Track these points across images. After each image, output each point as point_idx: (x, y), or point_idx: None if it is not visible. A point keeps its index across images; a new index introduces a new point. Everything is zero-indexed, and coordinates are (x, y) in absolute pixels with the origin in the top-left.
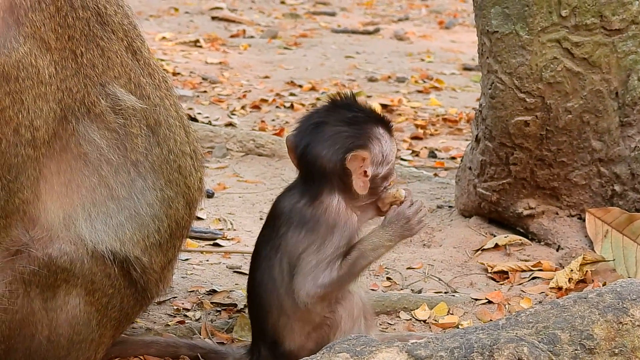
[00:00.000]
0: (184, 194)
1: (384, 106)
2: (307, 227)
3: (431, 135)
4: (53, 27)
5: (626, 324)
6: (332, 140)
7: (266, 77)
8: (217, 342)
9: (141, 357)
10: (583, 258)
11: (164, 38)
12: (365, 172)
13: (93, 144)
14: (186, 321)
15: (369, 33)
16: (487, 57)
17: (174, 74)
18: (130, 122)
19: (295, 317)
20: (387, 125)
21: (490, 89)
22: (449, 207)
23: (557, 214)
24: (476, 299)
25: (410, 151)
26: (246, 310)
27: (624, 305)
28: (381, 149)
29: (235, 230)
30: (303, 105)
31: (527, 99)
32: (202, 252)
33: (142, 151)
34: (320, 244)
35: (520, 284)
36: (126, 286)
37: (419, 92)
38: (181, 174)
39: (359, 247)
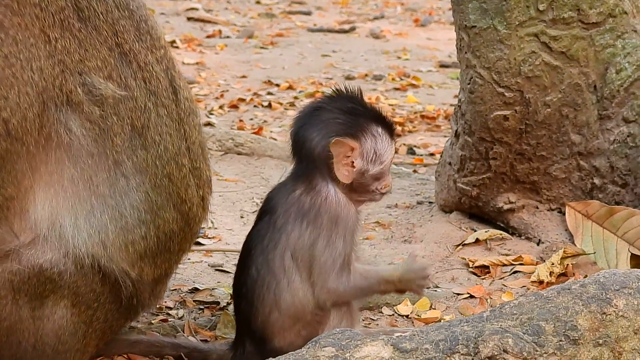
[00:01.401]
0: (176, 205)
1: None
2: (308, 218)
3: (409, 132)
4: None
5: (610, 314)
6: (324, 124)
7: (243, 76)
8: (200, 340)
9: (125, 356)
10: (564, 251)
11: None
12: (353, 162)
13: (74, 134)
14: (169, 319)
15: (345, 32)
16: (466, 52)
17: None
18: (111, 117)
19: (289, 313)
20: (388, 127)
21: (469, 83)
22: (429, 202)
23: (537, 208)
24: (458, 294)
25: None
26: (229, 308)
27: (608, 296)
28: (375, 146)
29: (216, 228)
30: (281, 104)
31: (506, 94)
32: None
33: (124, 150)
34: (328, 239)
35: (501, 278)
36: (112, 301)
37: (396, 89)
38: (172, 182)
39: (379, 272)
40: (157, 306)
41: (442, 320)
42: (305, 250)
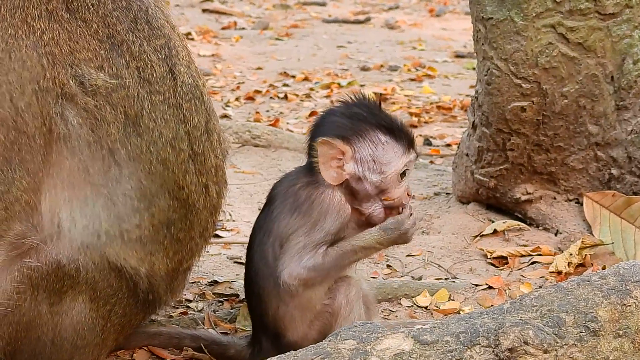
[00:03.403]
0: (173, 192)
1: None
2: (300, 210)
3: (425, 123)
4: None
5: (630, 305)
6: (326, 126)
7: (259, 68)
8: (220, 332)
9: (146, 349)
10: (582, 242)
11: None
12: (342, 166)
13: (71, 125)
14: (189, 312)
15: (360, 22)
16: (483, 44)
17: None
18: (105, 107)
19: (293, 304)
20: (398, 138)
21: (486, 75)
22: (447, 194)
23: (554, 198)
24: (476, 285)
25: None
26: None
27: (627, 287)
28: (373, 153)
29: (234, 221)
30: (297, 95)
31: (523, 85)
32: None
33: (119, 139)
34: (310, 227)
35: (519, 269)
36: (129, 296)
37: (412, 80)
38: (168, 168)
39: (350, 241)
40: (177, 299)
41: (460, 312)
42: (287, 237)
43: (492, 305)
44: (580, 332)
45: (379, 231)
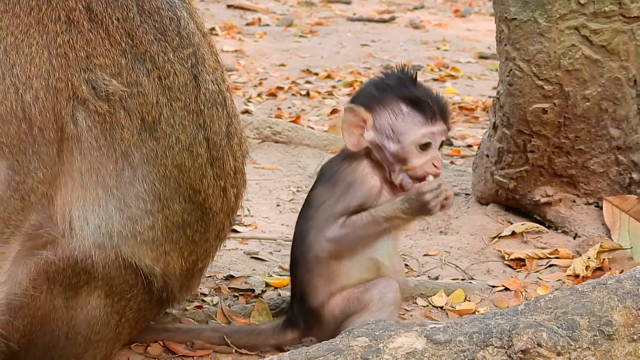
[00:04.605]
0: (188, 196)
1: None
2: (330, 182)
3: None
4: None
5: None
6: (357, 95)
7: (282, 65)
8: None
9: (160, 343)
10: (600, 246)
11: None
12: (363, 133)
13: (80, 127)
14: (204, 306)
15: (384, 21)
16: (505, 45)
17: None
18: (119, 112)
19: (318, 272)
20: (421, 110)
21: (508, 76)
22: (466, 194)
23: (574, 201)
24: (493, 286)
25: None
26: (264, 296)
27: None
28: (392, 123)
29: (252, 216)
30: (319, 93)
31: (545, 87)
32: None
33: (133, 143)
34: (337, 199)
35: (537, 272)
36: (144, 292)
37: (435, 80)
38: (183, 172)
39: (371, 211)
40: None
41: (476, 313)
42: (317, 208)
43: (507, 307)
44: (595, 336)
45: (401, 201)
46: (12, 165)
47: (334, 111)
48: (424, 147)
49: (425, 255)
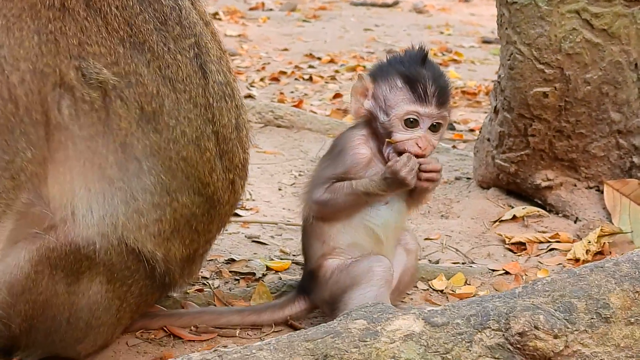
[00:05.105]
0: (197, 189)
1: None
2: (330, 147)
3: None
4: None
5: None
6: (372, 67)
7: (285, 49)
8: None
9: (165, 329)
10: (601, 230)
11: None
12: (364, 102)
13: (65, 115)
14: (205, 289)
15: (387, 6)
16: (506, 28)
17: None
18: (115, 101)
19: (309, 233)
20: (414, 88)
21: (509, 60)
22: (467, 178)
23: (575, 185)
24: (493, 270)
25: None
26: (265, 279)
27: None
28: (385, 95)
29: (254, 200)
30: (322, 77)
31: (546, 70)
32: None
33: (133, 133)
34: (327, 164)
35: (537, 256)
36: (146, 277)
37: (438, 64)
38: (190, 165)
39: (353, 182)
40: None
41: (476, 296)
42: (314, 169)
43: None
44: (592, 319)
45: (379, 179)
46: (0, 144)
47: (337, 96)
48: (410, 124)
49: (426, 239)
